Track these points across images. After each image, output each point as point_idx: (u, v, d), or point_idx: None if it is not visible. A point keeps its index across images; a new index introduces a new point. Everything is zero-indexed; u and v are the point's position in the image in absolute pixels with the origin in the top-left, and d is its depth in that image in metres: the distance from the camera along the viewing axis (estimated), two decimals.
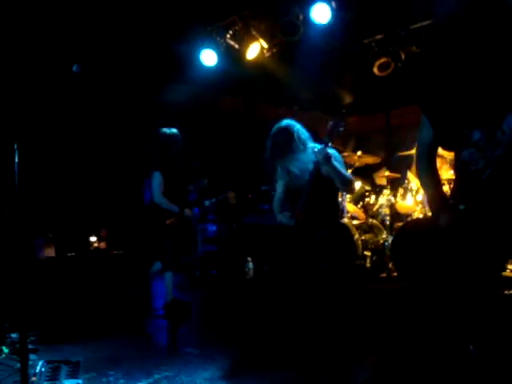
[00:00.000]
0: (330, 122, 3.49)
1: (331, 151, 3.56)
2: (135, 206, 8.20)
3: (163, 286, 5.01)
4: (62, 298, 5.16)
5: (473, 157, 2.09)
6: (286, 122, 3.88)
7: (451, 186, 4.96)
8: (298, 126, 3.84)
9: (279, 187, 3.95)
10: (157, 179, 4.78)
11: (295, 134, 3.76)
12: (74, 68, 3.81)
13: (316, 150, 3.54)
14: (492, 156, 2.03)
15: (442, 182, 5.14)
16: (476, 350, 2.15)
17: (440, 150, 2.45)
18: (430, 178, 2.35)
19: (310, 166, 3.64)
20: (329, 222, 3.77)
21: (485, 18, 1.94)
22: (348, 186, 3.78)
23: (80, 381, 2.97)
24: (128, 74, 6.64)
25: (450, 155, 4.90)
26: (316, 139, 3.88)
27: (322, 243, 3.62)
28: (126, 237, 7.86)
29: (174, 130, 4.96)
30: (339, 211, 4.85)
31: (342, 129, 3.50)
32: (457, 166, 2.29)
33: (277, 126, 3.88)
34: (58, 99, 6.32)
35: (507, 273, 4.14)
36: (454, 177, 3.00)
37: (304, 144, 3.76)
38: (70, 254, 6.56)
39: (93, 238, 7.50)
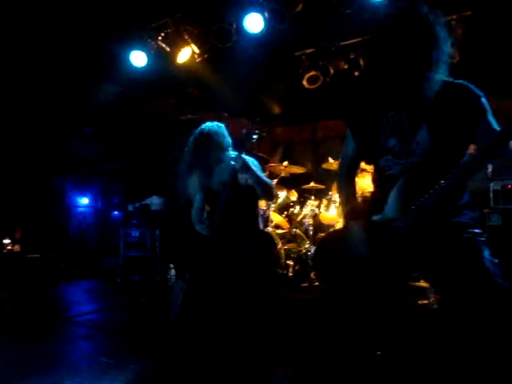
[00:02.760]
0: (244, 130, 3.44)
1: (248, 158, 3.50)
2: (51, 207, 7.92)
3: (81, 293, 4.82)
4: None
5: (388, 163, 2.19)
6: (210, 125, 3.68)
7: None
8: (222, 132, 3.68)
9: (198, 196, 3.85)
10: None
11: (216, 142, 3.60)
12: None
13: (232, 156, 3.48)
14: (406, 163, 2.13)
15: (365, 194, 5.32)
16: (383, 355, 2.21)
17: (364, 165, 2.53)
18: (347, 188, 2.46)
19: (228, 175, 3.53)
20: (248, 231, 3.73)
21: (405, 32, 2.02)
22: (268, 192, 3.66)
23: None
24: (54, 70, 6.39)
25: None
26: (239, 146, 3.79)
27: (242, 254, 3.58)
28: (43, 239, 7.55)
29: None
30: (259, 220, 4.85)
31: (255, 136, 3.45)
32: (374, 177, 2.40)
33: (201, 129, 3.67)
34: None
35: (420, 283, 4.30)
36: None
37: (225, 151, 3.67)
38: None
39: (6, 241, 7.14)
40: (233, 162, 3.44)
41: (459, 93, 2.08)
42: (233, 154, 3.55)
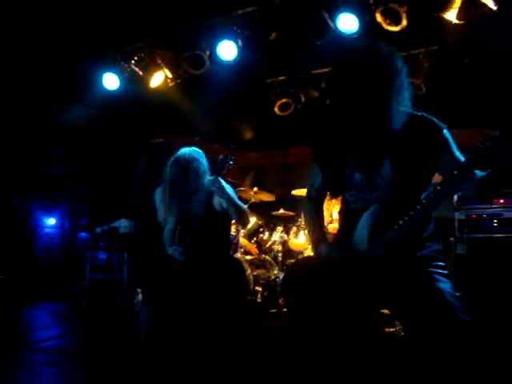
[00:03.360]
0: (220, 157, 3.46)
1: (224, 184, 3.47)
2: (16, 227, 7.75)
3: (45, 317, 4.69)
4: None
5: (353, 198, 2.23)
6: (189, 151, 3.69)
7: None
8: (199, 157, 3.69)
9: (171, 219, 3.82)
10: None
11: (196, 165, 3.62)
12: None
13: (209, 178, 3.49)
14: (370, 197, 2.17)
15: (333, 220, 5.38)
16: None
17: None
18: (315, 221, 2.48)
19: (204, 199, 3.57)
20: (220, 258, 3.73)
21: (362, 69, 2.07)
22: (243, 216, 3.65)
23: None
24: (24, 89, 6.33)
25: None
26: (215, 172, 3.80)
27: (213, 280, 3.56)
28: (6, 260, 7.35)
29: None
30: (231, 246, 4.83)
31: (231, 162, 3.47)
32: (341, 209, 2.43)
33: (179, 154, 3.67)
34: None
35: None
36: None
37: (203, 176, 3.68)
38: None
39: None
40: (209, 186, 3.44)
41: (421, 125, 2.13)
42: (209, 178, 3.56)
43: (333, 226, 5.30)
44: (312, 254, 5.43)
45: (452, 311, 1.94)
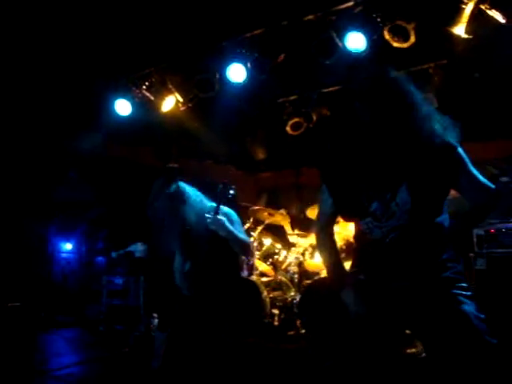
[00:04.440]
0: (220, 186, 3.41)
1: (226, 210, 3.45)
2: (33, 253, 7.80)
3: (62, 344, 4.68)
4: None
5: (369, 226, 2.18)
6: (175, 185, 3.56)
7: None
8: (186, 190, 3.54)
9: (178, 257, 3.75)
10: None
11: (184, 198, 3.47)
12: None
13: (207, 216, 3.37)
14: (386, 226, 2.12)
15: (350, 239, 5.32)
16: None
17: None
18: (328, 250, 2.42)
19: (205, 228, 3.44)
20: (230, 281, 3.68)
21: (380, 101, 2.07)
22: (244, 250, 3.61)
23: None
24: (39, 115, 6.43)
25: None
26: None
27: (225, 304, 3.52)
28: (24, 287, 7.39)
29: None
30: (241, 269, 4.78)
31: (232, 192, 3.43)
32: (356, 235, 2.38)
33: (170, 191, 3.53)
34: None
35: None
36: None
37: (196, 206, 3.55)
38: None
39: None
40: (208, 217, 3.36)
41: (436, 148, 2.09)
42: (207, 216, 3.45)
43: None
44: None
45: (477, 334, 1.92)
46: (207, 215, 3.39)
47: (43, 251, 8.01)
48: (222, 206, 3.38)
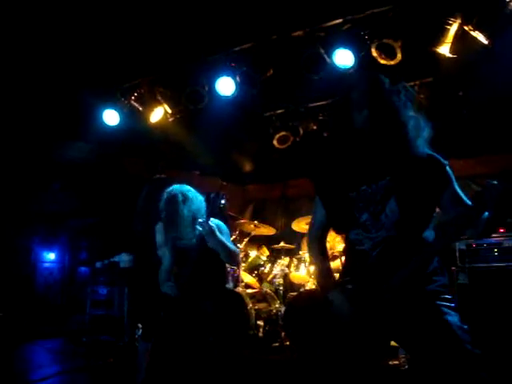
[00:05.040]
0: (212, 195, 3.46)
1: (216, 222, 3.48)
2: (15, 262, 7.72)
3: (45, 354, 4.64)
4: None
5: (359, 237, 2.22)
6: (177, 188, 3.69)
7: (343, 258, 5.17)
8: (191, 195, 3.66)
9: (166, 258, 3.81)
10: None
11: (187, 203, 3.58)
12: None
13: (199, 221, 3.46)
14: (376, 237, 2.17)
15: (335, 254, 5.38)
16: None
17: None
18: (320, 259, 2.46)
19: (197, 237, 3.54)
20: (215, 292, 3.71)
21: (375, 110, 2.13)
22: (233, 259, 3.67)
23: None
24: (23, 125, 6.40)
25: None
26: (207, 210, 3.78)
27: (209, 315, 3.54)
28: (6, 297, 7.31)
29: None
30: (226, 280, 4.80)
31: (223, 201, 3.48)
32: (345, 247, 2.43)
33: (169, 192, 3.67)
34: None
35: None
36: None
37: (195, 213, 3.67)
38: None
39: None
40: (199, 227, 3.43)
41: (426, 163, 2.15)
42: (199, 220, 3.53)
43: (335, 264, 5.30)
44: (314, 287, 5.42)
45: (460, 344, 1.94)
46: (199, 220, 3.44)
47: (26, 261, 7.95)
48: (212, 218, 3.42)
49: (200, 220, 3.44)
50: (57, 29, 5.01)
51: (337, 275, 2.45)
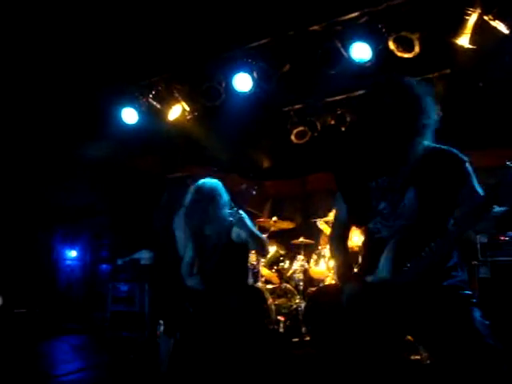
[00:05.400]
0: (243, 185, 3.51)
1: (243, 214, 3.55)
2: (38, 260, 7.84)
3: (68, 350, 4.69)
4: None
5: (377, 225, 2.24)
6: (210, 182, 3.77)
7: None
8: (220, 188, 3.74)
9: (189, 250, 3.85)
10: None
11: (217, 197, 3.66)
12: None
13: (229, 212, 3.54)
14: (394, 225, 2.18)
15: (355, 249, 5.35)
16: None
17: None
18: (342, 253, 2.48)
19: (223, 230, 3.62)
20: (238, 287, 3.73)
21: (394, 100, 2.12)
22: (262, 247, 3.71)
23: None
24: (46, 123, 6.49)
25: None
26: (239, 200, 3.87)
27: (233, 310, 3.57)
28: (30, 294, 7.43)
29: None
30: (248, 276, 4.82)
31: (254, 192, 3.54)
32: (365, 236, 2.43)
33: (200, 184, 3.75)
34: None
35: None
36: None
37: (223, 207, 3.72)
38: None
39: None
40: (230, 218, 3.50)
41: (445, 158, 2.16)
42: (228, 210, 3.60)
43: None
44: (333, 282, 5.41)
45: (482, 339, 1.93)
46: (229, 211, 3.49)
47: (48, 259, 8.06)
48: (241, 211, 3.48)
49: (230, 211, 3.49)
50: (77, 28, 5.07)
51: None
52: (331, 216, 5.65)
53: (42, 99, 6.10)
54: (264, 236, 3.76)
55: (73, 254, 8.23)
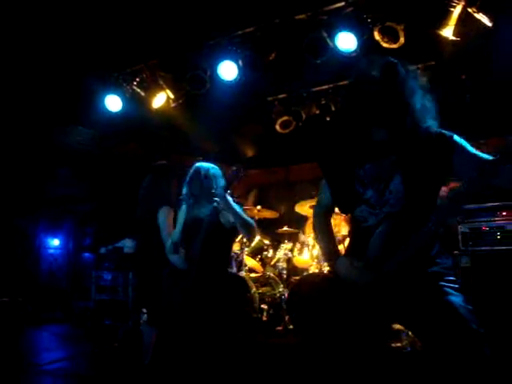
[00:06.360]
0: (234, 168, 3.51)
1: (230, 199, 3.56)
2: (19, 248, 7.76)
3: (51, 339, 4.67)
4: None
5: (363, 213, 2.24)
6: (209, 164, 3.96)
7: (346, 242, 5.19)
8: (217, 172, 3.91)
9: (176, 232, 3.85)
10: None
11: (213, 179, 3.79)
12: None
13: (216, 193, 3.55)
14: (381, 213, 2.18)
15: (339, 237, 5.39)
16: None
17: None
18: (326, 235, 2.47)
19: (214, 212, 3.63)
20: (220, 274, 3.76)
21: (381, 83, 2.12)
22: (249, 229, 3.71)
23: None
24: (27, 110, 6.40)
25: None
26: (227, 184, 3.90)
27: (216, 300, 3.58)
28: (12, 283, 7.36)
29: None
30: (231, 264, 4.84)
31: (242, 175, 3.55)
32: (351, 224, 2.45)
33: (200, 165, 3.94)
34: None
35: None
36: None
37: (217, 190, 3.72)
38: None
39: None
40: (215, 203, 3.54)
41: (431, 138, 2.14)
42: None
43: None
44: (317, 270, 5.45)
45: (465, 323, 1.95)
46: (216, 192, 3.52)
47: (30, 247, 7.99)
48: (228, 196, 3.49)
49: (216, 192, 3.52)
50: (58, 14, 4.99)
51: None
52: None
53: (25, 86, 6.01)
54: (252, 220, 3.77)
55: (55, 242, 8.17)
